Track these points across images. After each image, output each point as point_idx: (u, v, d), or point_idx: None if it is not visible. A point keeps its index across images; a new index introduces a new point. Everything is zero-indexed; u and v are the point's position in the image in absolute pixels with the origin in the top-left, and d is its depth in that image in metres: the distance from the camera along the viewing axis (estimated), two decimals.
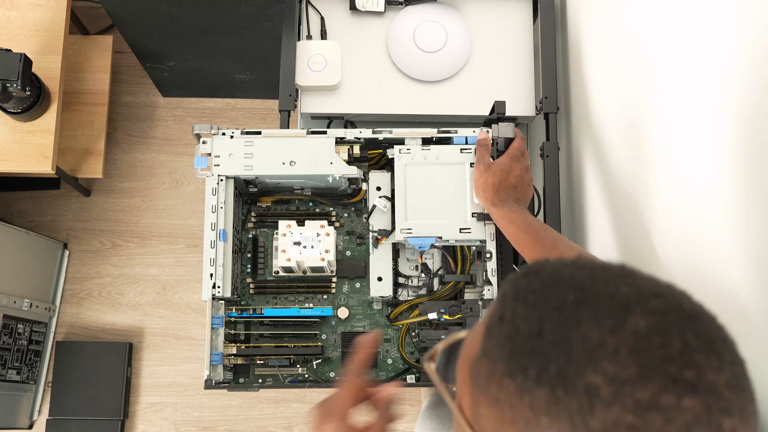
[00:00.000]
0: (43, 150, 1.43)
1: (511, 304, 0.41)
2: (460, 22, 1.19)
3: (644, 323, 0.36)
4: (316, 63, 1.15)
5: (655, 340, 0.35)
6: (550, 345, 0.37)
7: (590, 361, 0.35)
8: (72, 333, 1.83)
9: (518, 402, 0.37)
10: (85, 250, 1.89)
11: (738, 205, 0.63)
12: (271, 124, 1.97)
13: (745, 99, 0.62)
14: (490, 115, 1.05)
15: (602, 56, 1.03)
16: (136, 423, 1.79)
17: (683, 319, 0.37)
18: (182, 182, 1.94)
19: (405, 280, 1.07)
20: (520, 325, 0.39)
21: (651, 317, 0.36)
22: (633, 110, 0.91)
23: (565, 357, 0.36)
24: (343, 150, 1.02)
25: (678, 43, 0.77)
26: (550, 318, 0.38)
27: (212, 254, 0.99)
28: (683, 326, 0.36)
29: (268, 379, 1.05)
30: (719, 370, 0.35)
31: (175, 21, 1.50)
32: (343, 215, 1.11)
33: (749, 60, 0.61)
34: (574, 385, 0.35)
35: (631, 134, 0.92)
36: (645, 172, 0.87)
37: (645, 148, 0.86)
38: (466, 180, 1.01)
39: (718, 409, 0.34)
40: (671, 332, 0.36)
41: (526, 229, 0.88)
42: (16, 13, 1.48)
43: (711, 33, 0.69)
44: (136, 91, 1.98)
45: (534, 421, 0.36)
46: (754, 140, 0.60)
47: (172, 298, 1.87)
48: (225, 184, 1.01)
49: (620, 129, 0.96)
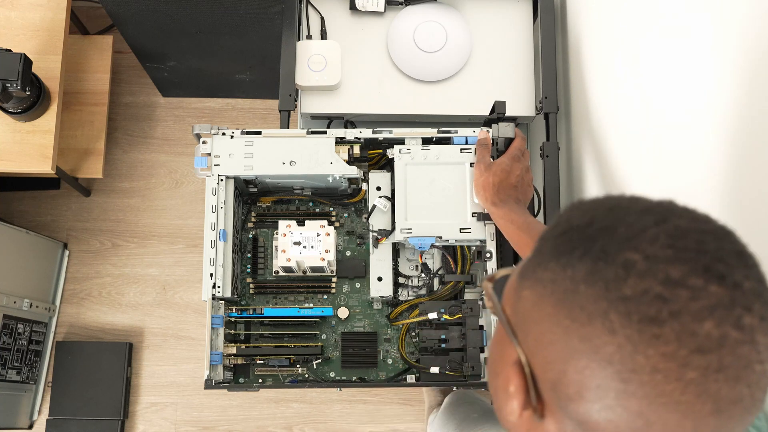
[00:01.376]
0: (43, 150, 1.43)
1: (566, 212, 0.44)
2: (460, 22, 1.19)
3: (685, 223, 0.39)
4: (316, 63, 1.15)
5: (693, 235, 0.38)
6: (598, 230, 0.40)
7: (631, 241, 0.38)
8: (72, 333, 1.83)
9: (560, 276, 0.40)
10: (85, 250, 1.89)
11: (737, 203, 0.63)
12: (271, 124, 1.97)
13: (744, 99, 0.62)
14: (490, 115, 1.05)
15: (602, 56, 1.03)
16: (136, 423, 1.79)
17: (720, 231, 0.40)
18: (182, 182, 1.94)
19: (405, 280, 1.07)
20: (574, 221, 0.42)
21: (693, 222, 0.40)
22: (633, 110, 0.91)
23: (609, 237, 0.39)
24: (343, 150, 1.02)
25: (678, 43, 0.77)
26: (602, 214, 0.41)
27: (212, 254, 0.99)
28: (720, 234, 0.39)
29: (268, 379, 1.05)
30: (747, 277, 0.38)
31: (175, 21, 1.50)
32: (343, 215, 1.11)
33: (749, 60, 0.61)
34: (614, 258, 0.38)
35: (631, 134, 0.92)
36: (645, 172, 0.87)
37: (645, 148, 0.86)
38: (466, 180, 1.01)
39: (741, 305, 0.37)
40: (708, 236, 0.39)
41: (526, 229, 0.88)
42: (16, 13, 1.48)
43: (711, 33, 0.69)
44: (136, 91, 1.98)
45: (572, 289, 0.39)
46: (753, 140, 0.60)
47: (172, 298, 1.87)
48: (225, 184, 1.01)
49: (620, 129, 0.96)
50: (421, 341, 1.03)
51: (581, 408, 0.39)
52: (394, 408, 1.81)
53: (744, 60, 0.62)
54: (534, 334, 0.42)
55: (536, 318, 0.42)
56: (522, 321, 0.43)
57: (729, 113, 0.65)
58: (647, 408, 0.37)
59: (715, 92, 0.68)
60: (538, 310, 0.41)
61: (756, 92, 0.60)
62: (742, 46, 0.62)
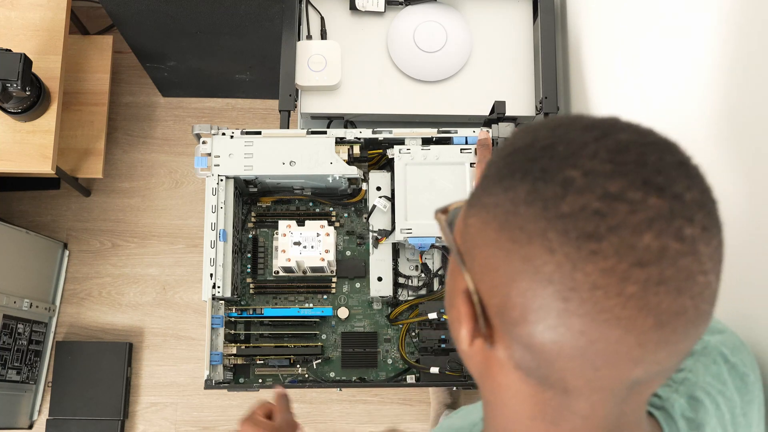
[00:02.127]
0: (43, 150, 1.43)
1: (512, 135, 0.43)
2: (460, 22, 1.19)
3: (627, 137, 0.38)
4: (316, 63, 1.15)
5: (634, 149, 0.38)
6: (539, 149, 0.39)
7: (570, 159, 0.38)
8: (72, 333, 1.83)
9: (502, 199, 0.40)
10: (85, 250, 1.89)
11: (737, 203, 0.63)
12: (271, 124, 1.97)
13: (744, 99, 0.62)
14: (490, 115, 1.05)
15: (602, 56, 1.03)
16: (136, 423, 1.79)
17: (663, 144, 0.39)
18: (182, 182, 1.94)
19: (405, 280, 1.07)
20: (517, 141, 0.42)
21: (635, 135, 0.39)
22: (633, 110, 0.91)
23: (550, 156, 0.39)
24: (343, 150, 1.02)
25: (678, 43, 0.77)
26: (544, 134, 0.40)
27: (212, 254, 0.99)
28: (662, 147, 0.39)
29: (268, 379, 1.05)
30: (689, 188, 0.37)
31: (175, 21, 1.50)
32: (343, 215, 1.11)
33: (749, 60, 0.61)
34: (552, 177, 0.38)
35: None
36: None
37: None
38: (466, 180, 1.01)
39: (681, 215, 0.36)
40: (650, 148, 0.38)
41: None
42: (16, 13, 1.48)
43: (711, 33, 0.69)
44: (136, 91, 1.98)
45: (512, 211, 0.39)
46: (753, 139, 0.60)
47: (172, 298, 1.87)
48: (225, 184, 1.01)
49: None
50: (421, 341, 1.03)
51: (526, 330, 0.39)
52: (394, 408, 1.81)
53: (744, 60, 0.62)
54: (479, 260, 0.41)
55: (481, 244, 0.41)
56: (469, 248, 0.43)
57: (729, 113, 0.65)
58: (589, 326, 0.36)
59: (714, 92, 0.68)
60: (483, 236, 0.41)
61: (756, 92, 0.60)
62: (742, 46, 0.62)
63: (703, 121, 0.70)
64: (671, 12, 0.78)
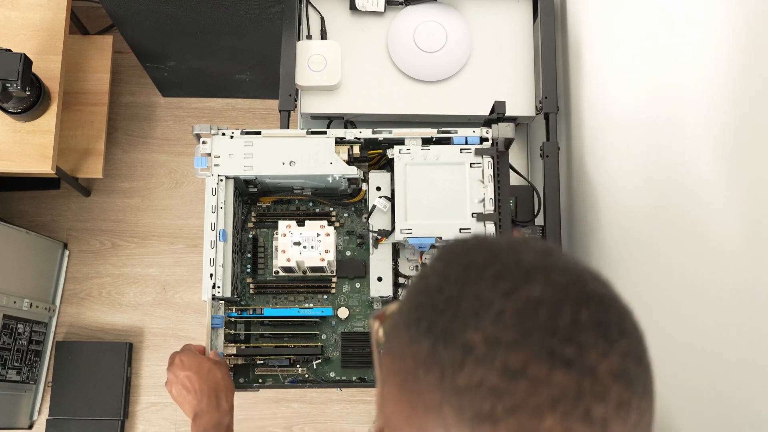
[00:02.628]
0: (43, 150, 1.43)
1: (433, 263, 0.40)
2: (460, 22, 1.19)
3: (538, 292, 0.34)
4: (316, 63, 1.15)
5: (544, 310, 0.34)
6: (445, 300, 0.36)
7: (474, 319, 0.34)
8: (72, 333, 1.83)
9: (406, 352, 0.37)
10: (85, 250, 1.89)
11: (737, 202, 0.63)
12: (271, 124, 1.97)
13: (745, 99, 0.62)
14: (490, 115, 1.05)
15: (602, 56, 1.03)
16: (136, 423, 1.79)
17: (582, 296, 0.35)
18: (182, 182, 1.94)
19: (405, 280, 1.07)
20: (430, 280, 0.39)
21: (548, 289, 0.35)
22: (632, 110, 0.91)
23: (454, 312, 0.35)
24: (343, 150, 1.02)
25: (677, 44, 0.77)
26: (455, 276, 0.37)
27: (212, 254, 0.99)
28: (579, 304, 0.34)
29: (268, 379, 1.05)
30: (605, 355, 0.33)
31: (175, 21, 1.50)
32: (343, 215, 1.11)
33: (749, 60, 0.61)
34: (453, 339, 0.34)
35: (630, 134, 0.92)
36: (644, 171, 0.87)
37: (645, 147, 0.86)
38: (466, 180, 1.01)
39: (592, 393, 0.32)
40: (564, 307, 0.34)
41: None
42: (16, 13, 1.48)
43: (711, 33, 0.69)
44: (136, 91, 1.98)
45: (412, 371, 0.36)
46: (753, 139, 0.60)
47: (172, 298, 1.87)
48: (225, 184, 1.01)
49: (620, 129, 0.96)
50: None
51: None
52: None
53: (745, 60, 0.62)
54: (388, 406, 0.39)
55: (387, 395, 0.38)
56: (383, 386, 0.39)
57: (729, 113, 0.65)
58: None
59: (715, 92, 0.68)
60: (389, 386, 0.38)
61: (756, 92, 0.60)
62: (743, 46, 0.62)
63: (703, 121, 0.70)
64: (671, 12, 0.78)
